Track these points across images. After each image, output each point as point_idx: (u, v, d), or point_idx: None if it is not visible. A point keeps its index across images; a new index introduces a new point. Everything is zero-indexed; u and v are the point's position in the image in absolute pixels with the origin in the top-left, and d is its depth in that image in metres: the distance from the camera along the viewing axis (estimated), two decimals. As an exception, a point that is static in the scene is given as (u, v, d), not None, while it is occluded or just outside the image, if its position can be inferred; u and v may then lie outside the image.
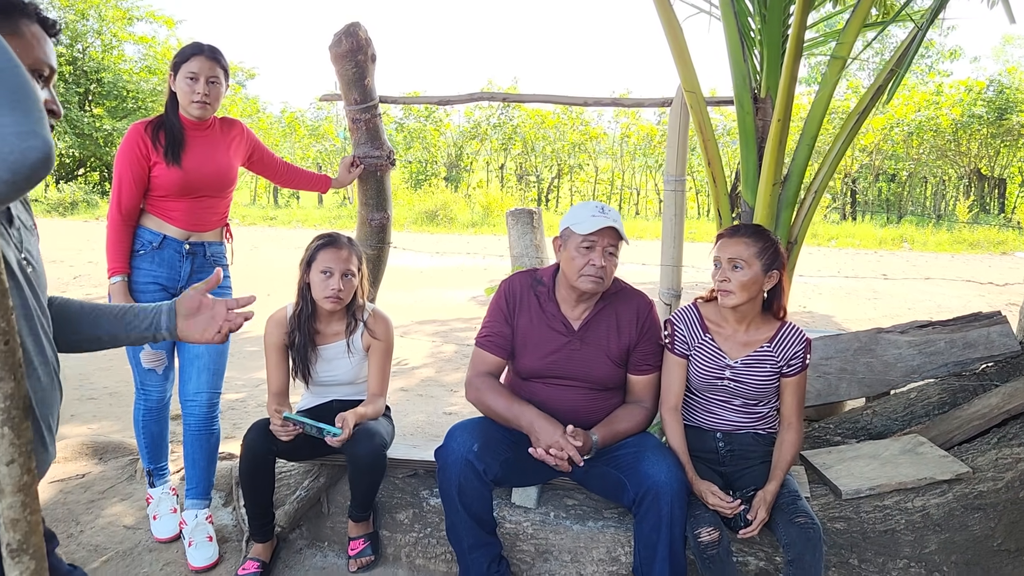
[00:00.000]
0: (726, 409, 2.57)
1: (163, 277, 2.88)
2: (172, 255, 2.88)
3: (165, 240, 2.87)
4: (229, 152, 2.97)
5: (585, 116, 24.08)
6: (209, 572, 2.80)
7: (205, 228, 2.95)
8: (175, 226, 2.88)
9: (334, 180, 3.37)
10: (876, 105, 2.76)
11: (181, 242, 2.89)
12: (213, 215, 2.97)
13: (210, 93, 2.81)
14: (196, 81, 2.78)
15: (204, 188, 2.89)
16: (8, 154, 0.99)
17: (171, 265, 2.89)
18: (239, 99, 25.30)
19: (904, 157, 21.77)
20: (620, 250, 2.50)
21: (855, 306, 8.45)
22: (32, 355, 1.35)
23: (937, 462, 2.77)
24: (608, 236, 2.42)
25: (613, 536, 2.65)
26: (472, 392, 2.61)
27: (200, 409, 2.92)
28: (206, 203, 2.92)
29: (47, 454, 1.40)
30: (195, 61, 2.79)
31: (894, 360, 3.36)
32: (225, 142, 2.97)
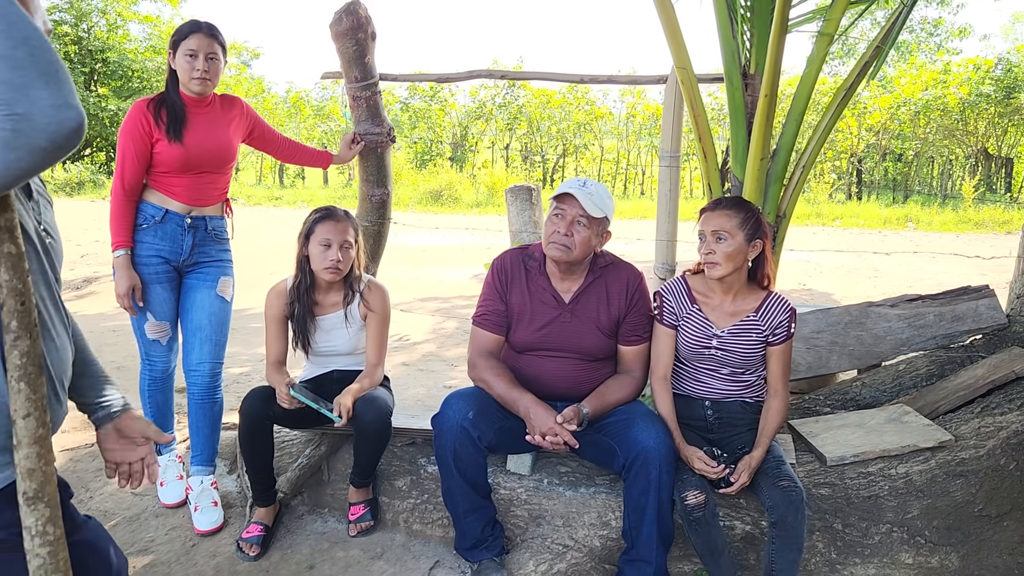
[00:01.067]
0: (714, 378, 2.65)
1: (165, 250, 2.96)
2: (174, 229, 2.96)
3: (167, 214, 2.94)
4: (229, 129, 3.04)
5: (590, 96, 24.03)
6: (214, 536, 2.90)
7: (206, 203, 3.03)
8: (177, 201, 2.95)
9: (335, 156, 3.44)
10: (862, 82, 2.80)
11: (183, 216, 2.97)
12: (214, 190, 3.04)
13: (209, 69, 2.88)
14: (195, 58, 2.85)
15: (205, 164, 2.96)
16: (47, 125, 1.07)
17: (173, 239, 2.96)
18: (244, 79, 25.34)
19: (911, 137, 21.69)
20: (600, 226, 2.55)
21: (855, 284, 8.50)
22: (50, 317, 1.42)
23: (921, 430, 2.84)
24: (578, 207, 2.49)
25: (604, 501, 2.74)
26: (473, 372, 2.69)
27: (203, 379, 3.00)
28: (207, 178, 2.99)
29: (61, 408, 1.48)
30: (193, 38, 2.85)
31: (884, 333, 3.43)
32: (226, 119, 3.03)
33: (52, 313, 1.42)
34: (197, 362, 3.00)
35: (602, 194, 2.53)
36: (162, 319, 3.00)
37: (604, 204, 2.52)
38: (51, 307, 1.42)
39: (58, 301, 1.45)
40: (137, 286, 2.91)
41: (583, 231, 2.51)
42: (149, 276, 2.95)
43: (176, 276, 3.03)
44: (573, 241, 2.51)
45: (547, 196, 2.74)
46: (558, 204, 2.53)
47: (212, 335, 3.02)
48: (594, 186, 2.54)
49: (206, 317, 3.00)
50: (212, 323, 3.01)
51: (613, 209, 2.59)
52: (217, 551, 2.82)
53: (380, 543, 2.89)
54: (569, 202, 2.51)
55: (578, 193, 2.48)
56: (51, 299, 1.42)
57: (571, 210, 2.51)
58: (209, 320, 3.01)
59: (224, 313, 3.07)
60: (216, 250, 3.09)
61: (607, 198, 2.55)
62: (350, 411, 2.71)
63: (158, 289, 2.97)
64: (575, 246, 2.52)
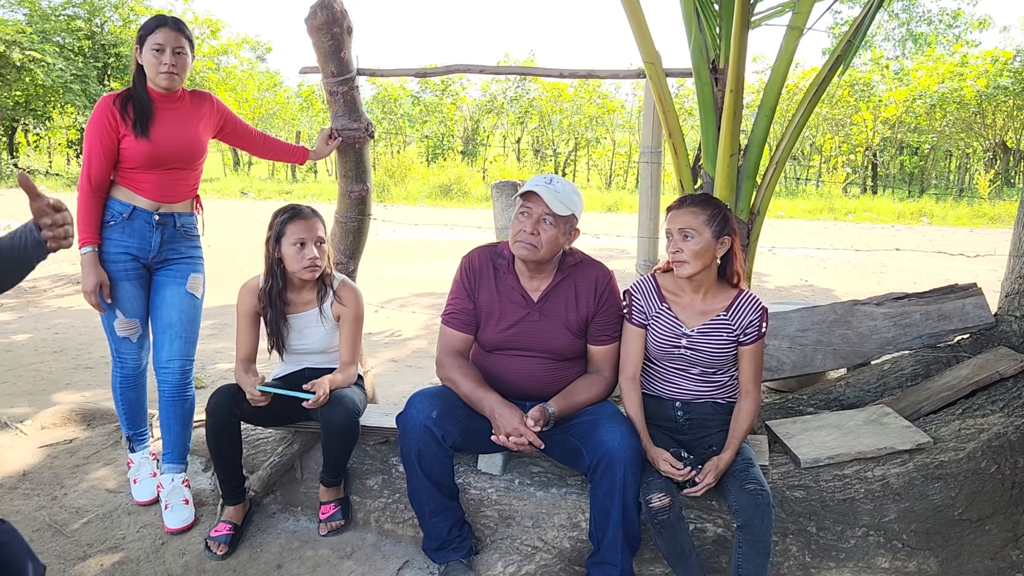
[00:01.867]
0: (684, 378, 2.60)
1: (134, 247, 2.94)
2: (142, 225, 2.93)
3: (135, 211, 2.92)
4: (199, 125, 3.01)
5: (602, 89, 23.94)
6: (184, 534, 2.89)
7: (175, 199, 3.00)
8: (144, 197, 2.93)
9: (312, 152, 3.41)
10: (833, 76, 2.73)
11: (151, 213, 2.94)
12: (183, 187, 3.01)
13: (176, 63, 2.84)
14: (162, 52, 2.82)
15: (172, 160, 2.93)
16: None
17: (141, 235, 2.94)
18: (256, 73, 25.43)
19: (927, 130, 21.43)
20: (567, 224, 2.50)
21: (859, 280, 8.39)
22: None
23: (899, 432, 2.78)
24: (543, 205, 2.44)
25: (575, 503, 2.70)
26: (441, 371, 2.66)
27: (173, 376, 2.99)
28: (175, 175, 2.96)
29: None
30: (160, 33, 2.82)
31: (869, 332, 3.36)
32: (196, 115, 3.00)
33: None
34: (167, 359, 2.98)
35: (568, 191, 2.48)
36: (131, 316, 2.98)
37: (571, 202, 2.47)
38: None
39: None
40: (105, 283, 2.88)
41: (549, 229, 2.47)
42: (118, 273, 2.92)
43: (145, 273, 3.00)
44: (540, 240, 2.47)
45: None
46: (524, 202, 2.49)
47: (182, 332, 2.99)
48: (560, 183, 2.49)
49: (176, 314, 2.98)
50: (182, 320, 2.99)
51: (582, 206, 2.54)
52: (187, 549, 2.80)
53: (350, 542, 2.86)
54: (535, 200, 2.46)
55: (543, 191, 2.43)
56: None
57: (537, 208, 2.46)
58: (179, 317, 2.99)
59: (194, 310, 3.05)
60: (186, 247, 3.06)
61: (574, 195, 2.50)
62: (327, 393, 2.69)
63: (127, 286, 2.95)
64: (541, 245, 2.47)
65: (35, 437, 3.62)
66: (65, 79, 21.05)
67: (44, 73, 20.59)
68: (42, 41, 21.08)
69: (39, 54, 20.49)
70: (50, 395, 4.42)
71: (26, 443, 3.55)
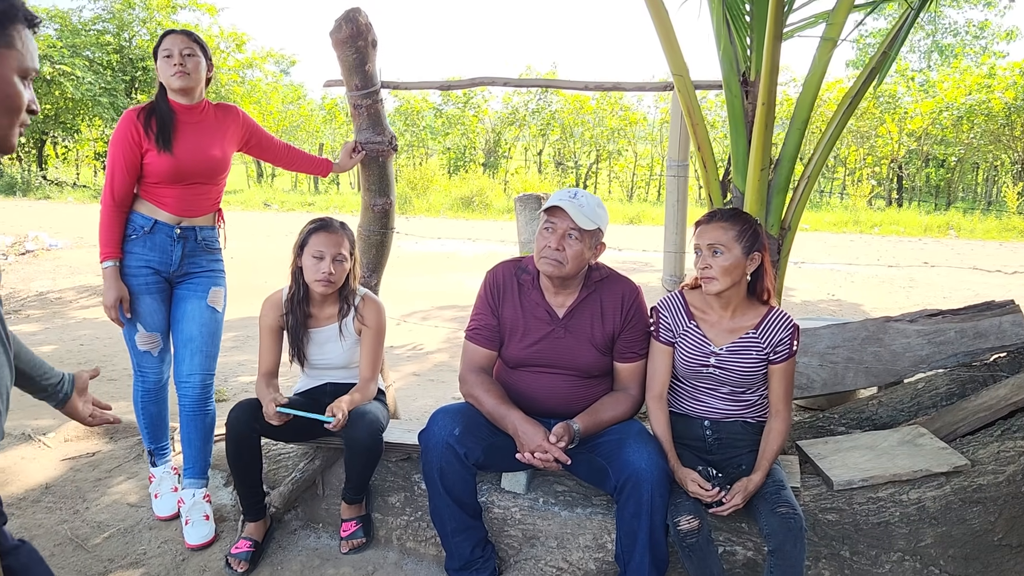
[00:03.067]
0: (713, 397, 2.54)
1: (155, 261, 2.93)
2: (163, 239, 2.92)
3: (156, 225, 2.91)
4: (223, 139, 3.00)
5: (624, 101, 23.89)
6: (205, 550, 2.86)
7: (196, 213, 2.99)
8: (167, 211, 2.92)
9: (335, 164, 3.39)
10: (868, 88, 2.67)
11: (172, 227, 2.93)
12: (205, 201, 3.00)
13: (186, 63, 2.83)
14: (171, 56, 2.82)
15: (195, 175, 2.92)
16: None
17: (163, 249, 2.93)
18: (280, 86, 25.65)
19: (954, 142, 21.15)
20: (593, 239, 2.46)
21: (888, 295, 8.26)
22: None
23: (935, 454, 2.70)
24: (568, 220, 2.40)
25: (600, 523, 2.64)
26: (464, 387, 2.62)
27: (193, 391, 2.97)
28: (198, 189, 2.95)
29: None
30: (168, 39, 2.85)
31: (902, 350, 3.28)
32: (220, 129, 2.99)
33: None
34: (188, 374, 2.96)
35: (593, 205, 2.44)
36: (152, 330, 2.97)
37: (596, 216, 2.43)
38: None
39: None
40: (125, 297, 2.88)
41: (575, 244, 2.42)
42: (139, 287, 2.92)
43: (166, 287, 2.99)
44: (565, 256, 2.42)
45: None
46: (549, 217, 2.45)
47: (203, 347, 2.98)
48: (585, 197, 2.45)
49: (197, 328, 2.97)
50: (203, 334, 2.97)
51: (607, 220, 2.50)
52: (207, 566, 2.78)
53: (372, 561, 2.83)
54: (559, 215, 2.42)
55: (568, 206, 2.39)
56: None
57: (562, 223, 2.42)
58: (200, 331, 2.97)
59: (215, 324, 3.03)
60: (207, 260, 3.05)
61: (599, 209, 2.46)
62: (346, 415, 2.65)
63: (148, 300, 2.94)
64: (567, 260, 2.43)
65: (58, 450, 3.62)
66: (94, 92, 21.35)
67: (74, 86, 20.88)
68: (72, 55, 21.39)
69: (69, 68, 20.80)
70: (74, 407, 4.42)
71: (49, 456, 3.55)
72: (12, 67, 1.32)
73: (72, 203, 18.22)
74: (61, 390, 1.81)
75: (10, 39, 1.31)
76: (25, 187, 20.20)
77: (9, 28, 1.31)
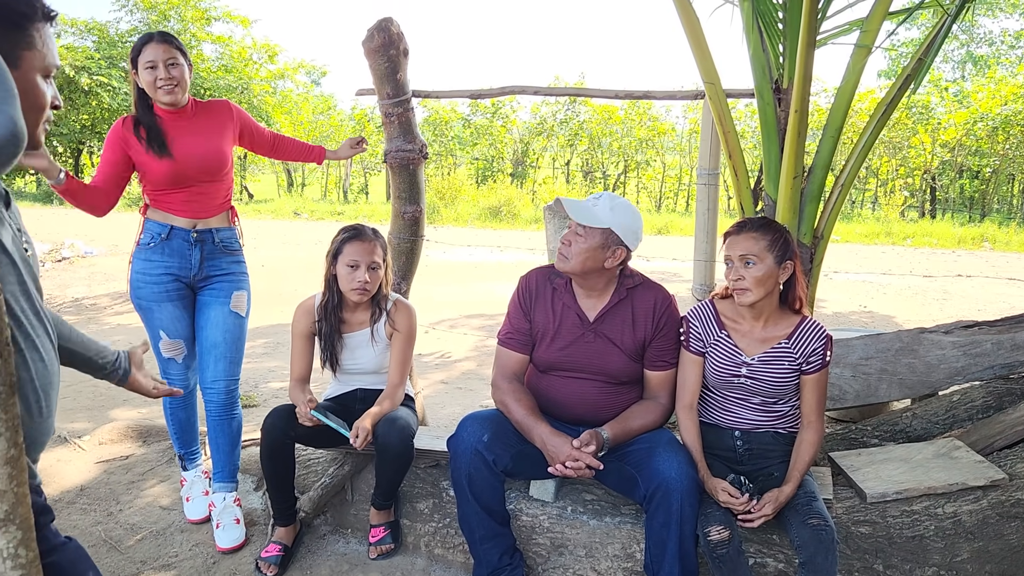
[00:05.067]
0: (744, 407, 2.52)
1: (175, 267, 2.94)
2: (181, 244, 2.94)
3: (172, 230, 2.93)
4: (219, 136, 2.98)
5: (653, 111, 23.85)
6: (235, 553, 2.89)
7: (209, 214, 2.98)
8: (179, 216, 2.94)
9: (330, 152, 3.37)
10: (903, 96, 2.64)
11: (188, 231, 2.95)
12: (213, 200, 3.00)
13: (173, 76, 2.81)
14: (156, 68, 2.79)
15: (196, 175, 2.92)
16: None
17: (181, 254, 2.95)
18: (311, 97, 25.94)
19: (989, 153, 20.82)
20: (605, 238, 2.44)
21: (921, 307, 8.14)
22: (33, 330, 1.41)
23: (971, 467, 2.65)
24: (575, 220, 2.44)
25: (629, 532, 2.62)
26: (496, 393, 2.63)
27: (219, 396, 2.99)
28: (203, 189, 2.95)
29: (45, 423, 1.46)
30: (148, 49, 2.79)
31: (937, 361, 3.22)
32: (212, 126, 2.98)
33: (36, 327, 1.41)
34: (212, 380, 2.99)
35: (606, 206, 2.43)
36: (175, 337, 2.99)
37: (606, 215, 2.42)
38: (33, 319, 1.40)
39: (41, 314, 1.43)
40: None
41: (580, 242, 2.44)
42: (159, 294, 2.93)
43: (189, 293, 3.01)
44: (569, 251, 2.46)
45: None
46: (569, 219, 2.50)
47: (227, 352, 3.00)
48: (605, 199, 2.46)
49: (220, 335, 2.98)
50: (226, 340, 2.99)
51: (627, 227, 2.45)
52: (237, 569, 2.80)
53: (400, 567, 2.83)
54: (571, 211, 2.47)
55: (571, 203, 2.45)
56: (33, 311, 1.40)
57: (573, 222, 2.47)
58: (223, 337, 2.99)
59: (239, 329, 3.04)
60: (227, 262, 3.05)
61: (613, 211, 2.43)
62: (368, 435, 2.67)
63: (169, 307, 2.95)
64: (571, 256, 2.46)
65: (92, 452, 3.67)
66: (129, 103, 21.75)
67: (110, 97, 21.31)
68: (109, 66, 21.83)
69: (106, 79, 21.23)
70: (108, 411, 4.49)
71: (84, 458, 3.61)
72: (35, 67, 1.34)
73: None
74: (119, 367, 1.86)
75: (31, 40, 1.33)
76: (62, 196, 20.60)
77: (30, 29, 1.33)
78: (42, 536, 1.45)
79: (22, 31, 1.33)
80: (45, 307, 1.49)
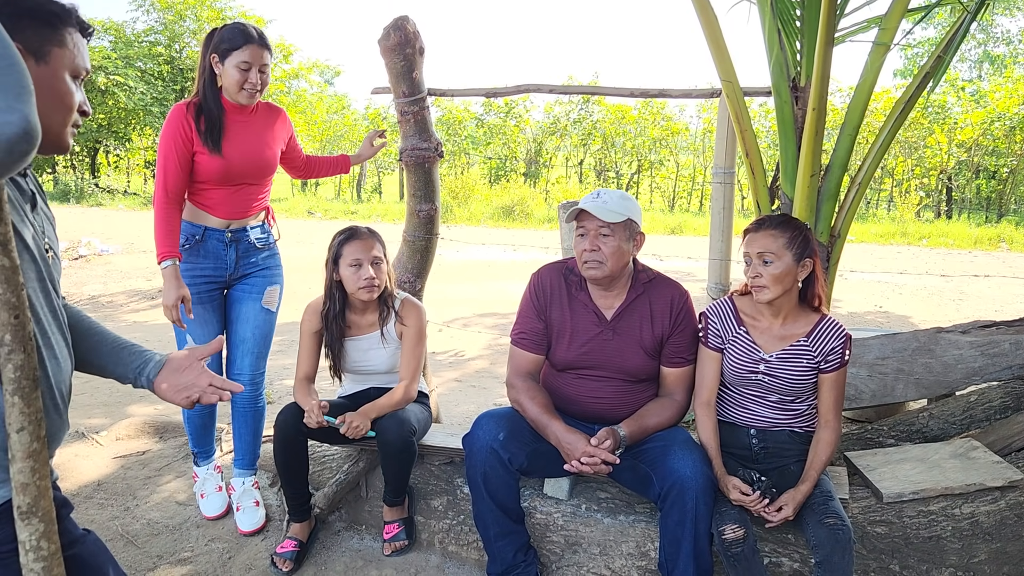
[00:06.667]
0: (761, 405, 2.51)
1: (209, 268, 2.93)
2: (216, 245, 2.92)
3: (206, 232, 2.91)
4: (272, 139, 2.98)
5: (667, 111, 23.78)
6: (251, 548, 2.90)
7: (245, 215, 2.97)
8: (214, 215, 2.91)
9: (353, 156, 3.39)
10: (922, 93, 2.63)
11: (222, 231, 2.93)
12: (252, 201, 2.99)
13: (262, 82, 2.79)
14: (249, 71, 2.74)
15: (244, 176, 2.89)
16: None
17: (216, 255, 2.93)
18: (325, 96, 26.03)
19: (1006, 153, 20.64)
20: (628, 231, 2.44)
21: (937, 307, 8.08)
22: (50, 329, 1.42)
23: (989, 468, 2.63)
24: (595, 219, 2.41)
25: (644, 531, 2.62)
26: (511, 392, 2.63)
27: (244, 387, 3.02)
28: (246, 191, 2.94)
29: (61, 421, 1.47)
30: (248, 50, 2.73)
31: (954, 361, 3.20)
32: (269, 128, 2.97)
33: (52, 325, 1.42)
34: (238, 373, 3.02)
35: (616, 198, 2.43)
36: (200, 342, 2.97)
37: (622, 207, 2.41)
38: (51, 319, 1.42)
39: (58, 313, 1.45)
40: (187, 297, 2.78)
41: (609, 241, 2.42)
42: (192, 297, 2.87)
43: (219, 295, 3.02)
44: (603, 254, 2.43)
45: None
46: (578, 224, 2.46)
47: (254, 348, 3.02)
48: (607, 194, 2.45)
49: (250, 330, 3.01)
50: (255, 336, 3.02)
51: (637, 211, 2.47)
52: (253, 564, 2.82)
53: (414, 563, 2.84)
54: (586, 218, 2.44)
55: (590, 206, 2.41)
56: (51, 311, 1.42)
57: (591, 224, 2.44)
58: (253, 333, 3.01)
59: (268, 325, 3.06)
60: (262, 257, 3.05)
61: (623, 200, 2.44)
62: (360, 425, 2.66)
63: (199, 310, 2.94)
64: (606, 259, 2.43)
65: (110, 448, 3.70)
66: (146, 102, 21.89)
67: (126, 96, 21.46)
68: (125, 66, 21.99)
69: (122, 78, 21.38)
70: (125, 407, 4.52)
71: (101, 454, 3.64)
72: (65, 65, 1.37)
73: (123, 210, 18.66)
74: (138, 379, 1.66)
75: (62, 39, 1.37)
76: (79, 194, 20.78)
77: (62, 29, 1.38)
78: (63, 528, 1.46)
79: (53, 29, 1.37)
80: (62, 308, 1.50)
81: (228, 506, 3.11)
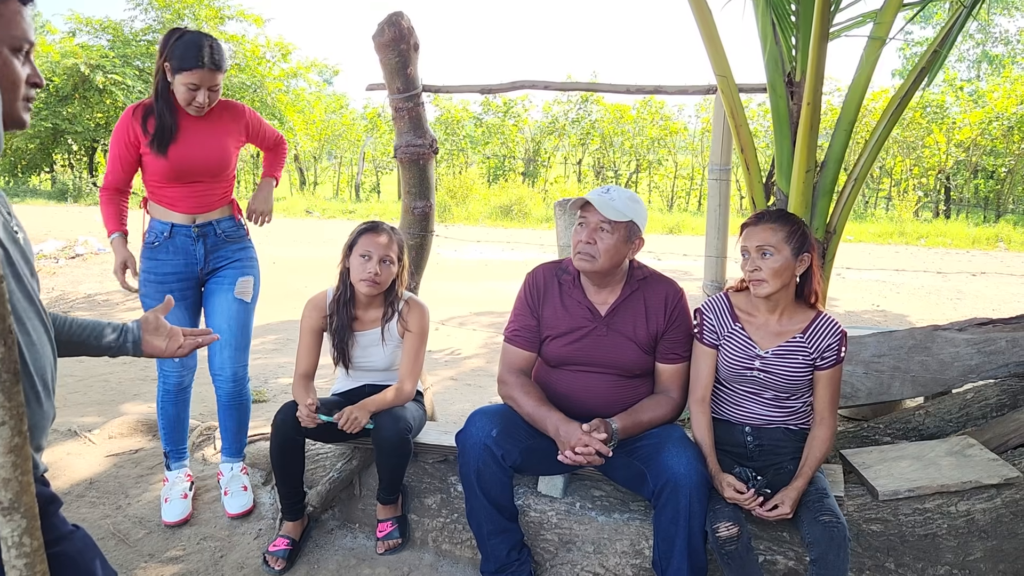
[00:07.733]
0: (756, 402, 2.50)
1: (180, 265, 2.96)
2: (184, 240, 2.95)
3: (174, 228, 2.94)
4: (225, 139, 2.98)
5: (665, 111, 23.76)
6: (243, 545, 2.89)
7: (209, 208, 3.00)
8: (178, 212, 2.95)
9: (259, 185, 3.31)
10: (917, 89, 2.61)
11: (188, 227, 2.96)
12: (213, 196, 3.00)
13: (210, 99, 2.83)
14: (197, 91, 2.79)
15: (195, 174, 2.92)
16: None
17: (186, 251, 2.96)
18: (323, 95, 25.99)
19: (1004, 153, 20.65)
20: (627, 232, 2.43)
21: (934, 306, 8.07)
22: (25, 316, 1.40)
23: (985, 465, 2.62)
24: (598, 214, 2.39)
25: (638, 529, 2.61)
26: (503, 389, 2.61)
27: (226, 384, 3.02)
28: (202, 187, 2.96)
29: (43, 410, 1.45)
30: (197, 74, 2.75)
31: (951, 359, 3.19)
32: (222, 129, 2.97)
33: (27, 310, 1.40)
34: (219, 367, 3.03)
35: (625, 198, 2.42)
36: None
37: (628, 208, 2.41)
38: (26, 305, 1.39)
39: (33, 297, 1.42)
40: (131, 262, 2.95)
41: (607, 238, 2.41)
42: (161, 294, 2.90)
43: (193, 293, 3.03)
44: (597, 249, 2.42)
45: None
46: (581, 213, 2.45)
47: (231, 340, 3.01)
48: (617, 191, 2.44)
49: (224, 322, 2.99)
50: (231, 328, 3.00)
51: (642, 213, 2.47)
52: (245, 563, 2.80)
53: (408, 562, 2.83)
54: (590, 210, 2.43)
55: (596, 200, 2.39)
56: (25, 296, 1.39)
57: (592, 217, 2.42)
58: (228, 325, 3.00)
59: (244, 315, 3.04)
60: (232, 250, 3.06)
61: (631, 202, 2.43)
62: (358, 420, 2.65)
63: (173, 308, 2.93)
64: (599, 254, 2.42)
65: (102, 446, 3.68)
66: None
67: (124, 95, 21.40)
68: (123, 65, 21.93)
69: (120, 77, 21.32)
70: (118, 405, 4.51)
71: (94, 452, 3.62)
72: (2, 39, 1.29)
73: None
74: (126, 341, 1.81)
75: None
76: (76, 193, 20.75)
77: None
78: (50, 524, 1.44)
79: None
80: (38, 291, 1.48)
81: (189, 515, 3.05)
